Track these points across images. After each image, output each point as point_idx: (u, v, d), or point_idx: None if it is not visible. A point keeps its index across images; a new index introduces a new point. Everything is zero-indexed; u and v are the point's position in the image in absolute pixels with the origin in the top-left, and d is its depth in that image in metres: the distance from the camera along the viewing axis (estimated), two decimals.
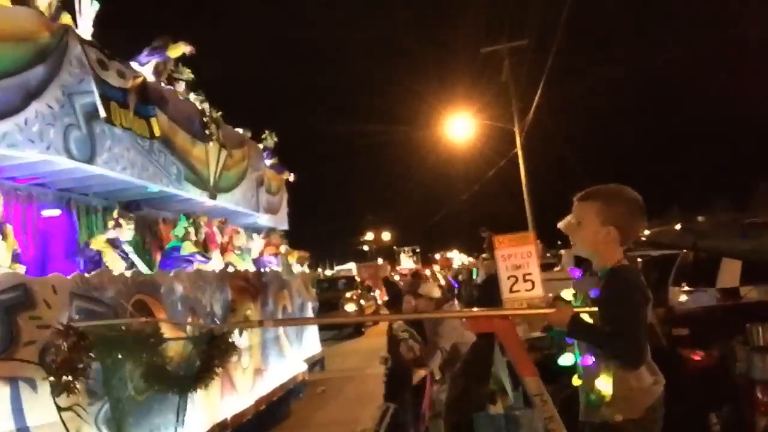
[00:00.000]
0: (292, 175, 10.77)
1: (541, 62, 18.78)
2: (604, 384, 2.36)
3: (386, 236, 53.08)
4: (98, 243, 5.54)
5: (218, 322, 5.90)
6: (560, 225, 2.62)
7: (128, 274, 4.60)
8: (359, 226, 53.52)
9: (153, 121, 5.63)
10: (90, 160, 4.86)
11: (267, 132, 9.54)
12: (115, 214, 5.91)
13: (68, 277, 3.94)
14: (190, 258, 5.99)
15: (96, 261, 5.44)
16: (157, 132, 5.62)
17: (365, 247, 52.58)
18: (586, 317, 2.44)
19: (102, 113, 4.86)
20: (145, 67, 6.02)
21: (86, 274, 4.15)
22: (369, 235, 53.73)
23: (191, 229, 6.30)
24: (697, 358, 4.75)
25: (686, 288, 8.73)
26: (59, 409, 3.64)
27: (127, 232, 5.92)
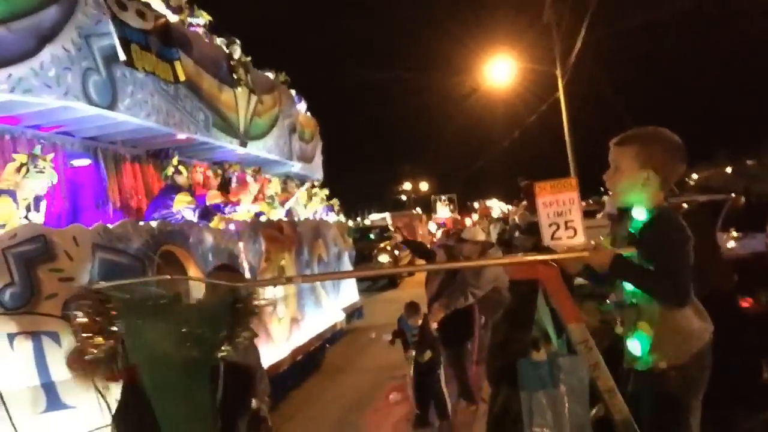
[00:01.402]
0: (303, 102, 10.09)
1: (585, 1, 17.80)
2: (647, 328, 2.34)
3: (424, 186, 52.65)
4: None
5: (250, 274, 5.76)
6: (604, 176, 2.55)
7: (154, 224, 4.44)
8: (397, 176, 53.23)
9: (177, 64, 5.37)
10: (111, 105, 4.65)
11: (276, 72, 9.10)
12: (174, 161, 5.88)
13: (90, 228, 3.79)
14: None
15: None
16: (181, 76, 5.38)
17: (403, 197, 52.30)
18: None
19: (122, 56, 4.63)
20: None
21: (110, 225, 3.98)
22: (407, 185, 53.40)
23: (183, 171, 5.93)
24: (746, 304, 4.64)
25: (735, 233, 8.46)
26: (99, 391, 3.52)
27: (184, 179, 5.86)
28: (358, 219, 34.30)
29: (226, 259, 5.25)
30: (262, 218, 6.80)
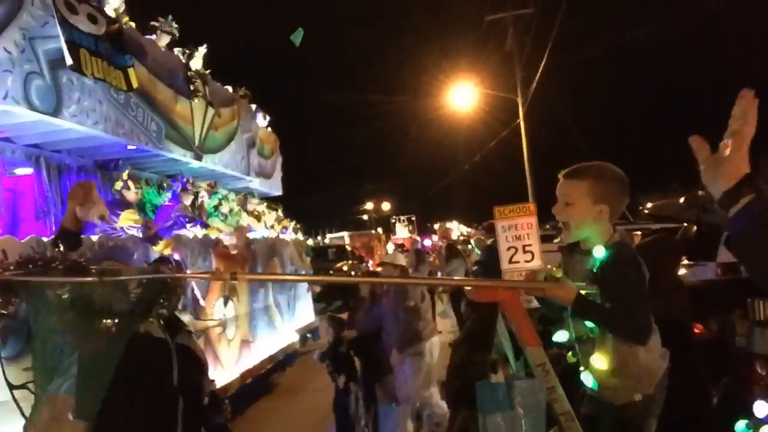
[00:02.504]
0: (267, 117, 9.83)
1: (546, 32, 18.23)
2: (600, 361, 2.37)
3: (386, 206, 52.66)
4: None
5: (199, 293, 5.53)
6: (553, 210, 2.56)
7: (95, 238, 4.19)
8: (360, 196, 53.16)
9: (130, 71, 5.14)
10: (55, 112, 4.41)
11: (236, 87, 8.94)
12: (125, 175, 5.59)
13: (22, 241, 3.54)
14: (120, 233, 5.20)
15: None
16: (134, 83, 5.15)
17: (365, 217, 52.18)
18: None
19: (68, 61, 4.39)
20: None
21: (44, 238, 3.73)
22: (369, 205, 53.32)
23: (132, 186, 5.62)
24: (696, 331, 4.77)
25: (686, 262, 8.66)
26: (10, 387, 3.28)
27: (133, 194, 5.59)
28: (319, 238, 33.91)
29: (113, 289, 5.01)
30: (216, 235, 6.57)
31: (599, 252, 2.44)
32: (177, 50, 6.60)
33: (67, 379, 3.74)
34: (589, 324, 2.45)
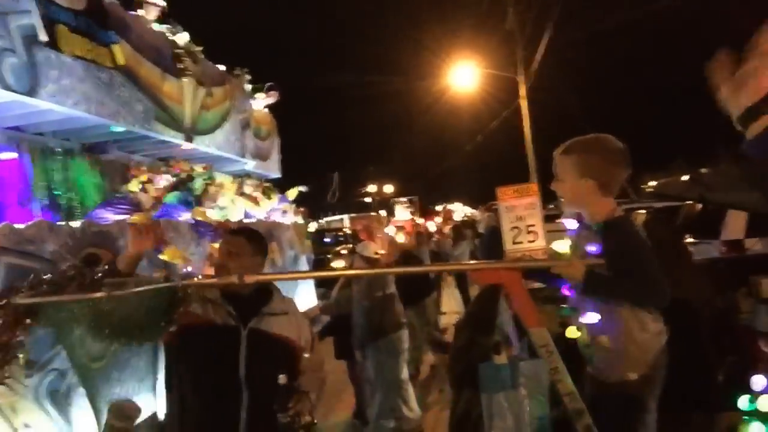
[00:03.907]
0: (275, 95, 9.55)
1: (547, 8, 17.89)
2: (605, 341, 2.41)
3: (389, 189, 52.43)
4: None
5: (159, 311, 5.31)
6: (551, 186, 2.61)
7: (77, 224, 3.97)
8: (361, 179, 52.91)
9: (115, 48, 4.90)
10: (31, 91, 4.16)
11: (239, 69, 8.71)
12: (143, 177, 5.45)
13: None
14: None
15: None
16: (120, 60, 4.91)
17: (368, 200, 51.98)
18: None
19: (43, 37, 4.14)
20: None
21: (20, 225, 3.52)
22: (371, 188, 53.09)
23: (151, 190, 5.51)
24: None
25: (690, 240, 8.58)
26: None
27: (148, 200, 5.39)
28: (321, 221, 33.67)
29: (162, 264, 4.80)
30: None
31: (599, 227, 2.46)
32: (164, 27, 6.34)
33: (47, 373, 3.57)
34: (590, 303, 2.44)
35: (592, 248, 2.46)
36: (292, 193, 9.62)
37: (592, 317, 2.46)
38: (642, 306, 2.40)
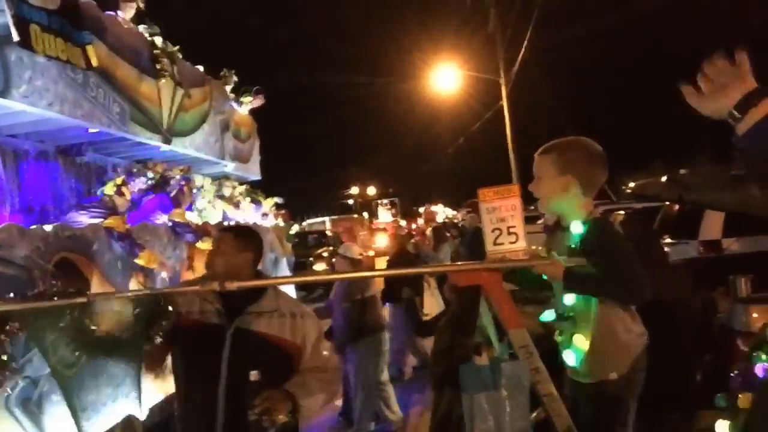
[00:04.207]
0: (260, 99, 9.46)
1: (528, 12, 18.03)
2: (582, 340, 2.43)
3: (371, 190, 52.44)
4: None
5: (170, 283, 5.24)
6: (529, 187, 2.62)
7: (49, 228, 3.89)
8: (343, 180, 52.87)
9: (89, 48, 4.80)
10: (4, 92, 4.06)
11: (225, 70, 8.64)
12: (119, 180, 5.36)
13: None
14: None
15: None
16: (94, 61, 4.81)
17: (350, 201, 51.88)
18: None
19: (15, 37, 4.04)
20: None
21: None
22: (354, 189, 53.05)
23: (126, 193, 5.42)
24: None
25: (669, 240, 8.73)
26: None
27: (124, 203, 5.29)
28: (303, 223, 33.47)
29: (138, 268, 4.73)
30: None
31: (577, 227, 2.47)
32: (142, 27, 6.24)
33: (21, 379, 3.48)
34: (568, 302, 2.47)
35: (571, 246, 2.47)
36: (268, 203, 9.57)
37: (569, 318, 2.50)
38: (622, 302, 2.42)
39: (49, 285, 3.24)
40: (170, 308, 3.98)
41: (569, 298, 2.53)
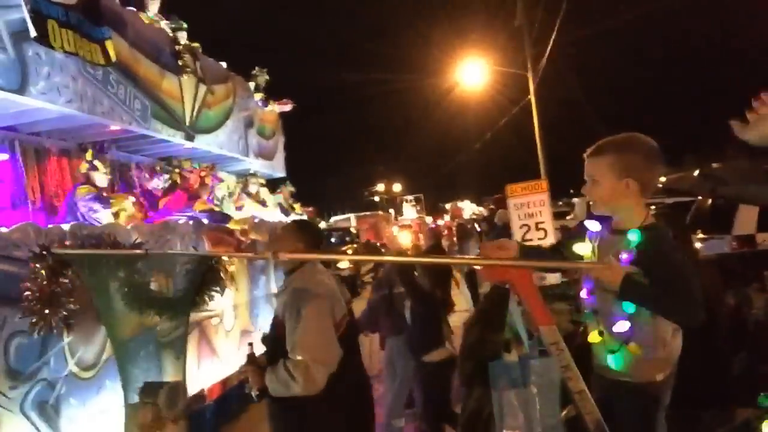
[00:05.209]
0: (289, 104, 9.59)
1: (556, 5, 17.68)
2: (635, 348, 2.30)
3: (397, 187, 52.25)
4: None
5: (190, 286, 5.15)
6: (582, 190, 2.48)
7: (67, 227, 3.81)
8: (370, 177, 52.79)
9: (108, 44, 4.72)
10: (21, 89, 4.00)
11: (257, 68, 8.61)
12: (89, 155, 5.06)
13: None
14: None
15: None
16: (113, 56, 4.73)
17: (376, 198, 51.80)
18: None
19: (32, 32, 3.98)
20: None
21: (4, 229, 3.36)
22: (380, 186, 52.93)
23: (101, 167, 5.05)
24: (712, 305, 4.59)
25: (701, 235, 8.48)
26: None
27: (103, 177, 5.12)
28: (330, 220, 33.49)
29: (158, 266, 4.64)
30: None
31: (633, 235, 2.32)
32: (164, 23, 6.18)
33: (34, 384, 3.41)
34: (630, 308, 2.31)
35: (623, 256, 2.30)
36: (297, 209, 9.59)
37: (622, 326, 2.31)
38: (676, 321, 2.31)
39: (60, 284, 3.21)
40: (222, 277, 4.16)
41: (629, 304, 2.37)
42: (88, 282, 3.30)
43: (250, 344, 2.98)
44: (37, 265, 3.11)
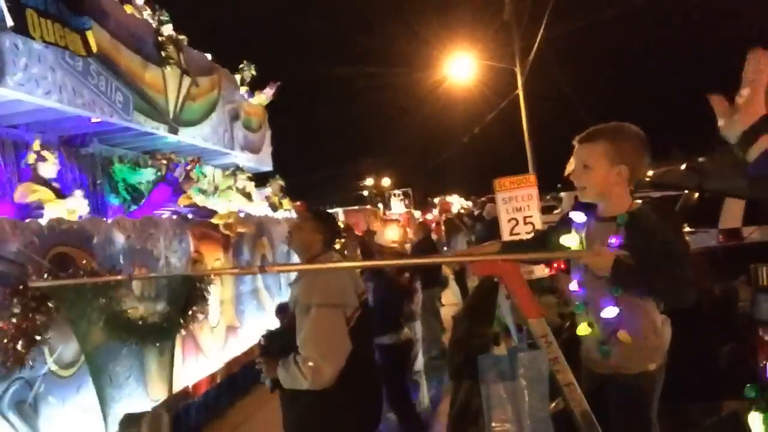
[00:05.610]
0: (274, 86, 9.45)
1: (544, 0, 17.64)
2: (625, 335, 2.32)
3: (386, 182, 52.12)
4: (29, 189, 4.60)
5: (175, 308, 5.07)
6: (567, 171, 2.51)
7: (44, 222, 3.72)
8: (358, 172, 52.64)
9: (88, 34, 4.61)
10: None
11: (245, 63, 8.49)
12: (36, 145, 4.76)
13: None
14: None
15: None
16: (93, 47, 4.62)
17: (365, 192, 51.65)
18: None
19: (10, 22, 3.87)
20: None
21: None
22: (369, 181, 52.78)
23: (50, 158, 4.72)
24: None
25: (688, 229, 8.52)
26: None
27: (51, 167, 4.78)
28: None
29: (141, 262, 4.55)
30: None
31: (622, 219, 2.35)
32: (146, 13, 6.06)
33: (12, 383, 3.31)
34: (613, 291, 2.32)
35: (612, 240, 2.30)
36: (286, 204, 9.51)
37: (610, 311, 2.31)
38: (669, 303, 2.33)
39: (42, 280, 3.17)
40: (206, 294, 4.12)
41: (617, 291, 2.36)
42: (68, 314, 3.29)
43: (263, 336, 3.01)
44: (14, 300, 3.11)
